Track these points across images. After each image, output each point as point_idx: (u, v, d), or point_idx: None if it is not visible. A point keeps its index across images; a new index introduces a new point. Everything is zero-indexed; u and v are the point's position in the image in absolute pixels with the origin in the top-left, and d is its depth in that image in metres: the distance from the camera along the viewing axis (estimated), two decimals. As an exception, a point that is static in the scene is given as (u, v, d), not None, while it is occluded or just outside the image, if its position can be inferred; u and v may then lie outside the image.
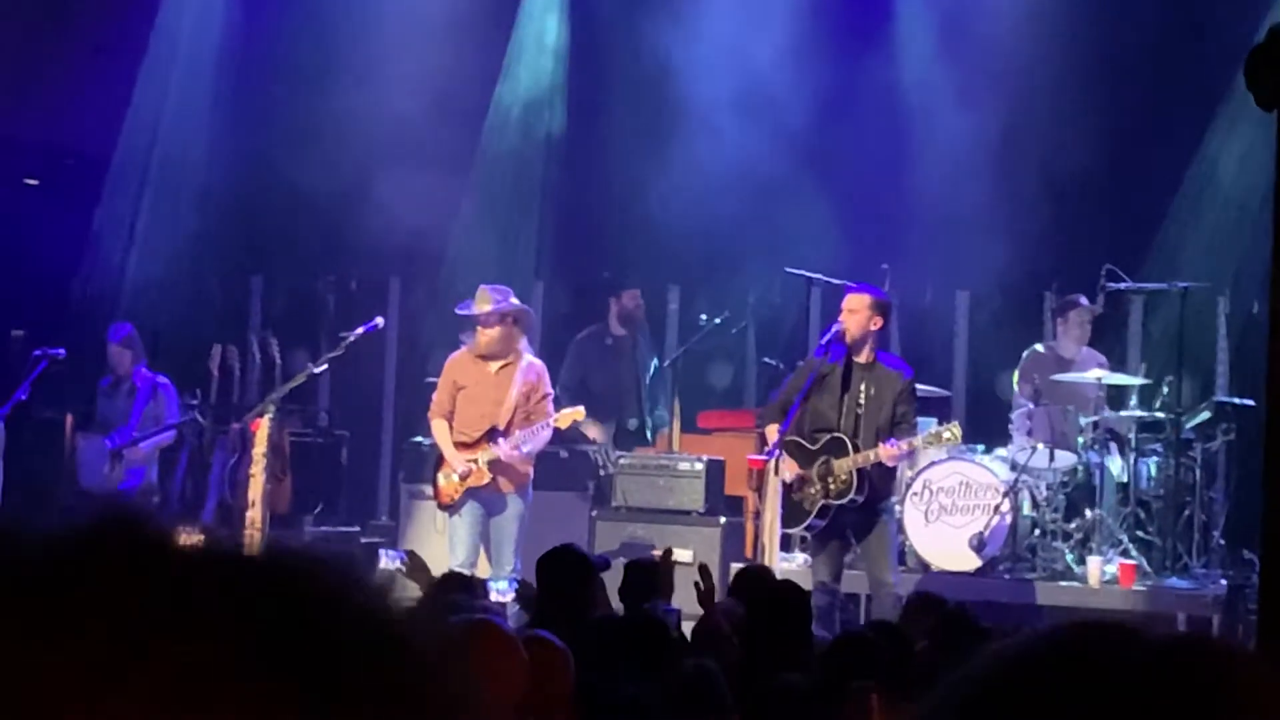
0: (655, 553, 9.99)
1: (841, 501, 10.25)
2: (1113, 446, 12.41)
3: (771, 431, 10.42)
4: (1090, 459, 12.22)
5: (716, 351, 15.07)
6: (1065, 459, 12.07)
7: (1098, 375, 12.35)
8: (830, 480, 10.26)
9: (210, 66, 15.50)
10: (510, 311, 11.31)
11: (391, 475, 15.11)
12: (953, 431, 10.52)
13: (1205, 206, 14.06)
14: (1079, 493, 12.24)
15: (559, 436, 12.14)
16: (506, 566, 11.02)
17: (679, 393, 13.81)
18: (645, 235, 14.94)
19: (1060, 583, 11.85)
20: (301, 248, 15.68)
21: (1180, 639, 1.16)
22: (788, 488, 10.34)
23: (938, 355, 14.42)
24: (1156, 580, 11.89)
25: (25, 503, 13.31)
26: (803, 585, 10.68)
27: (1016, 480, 11.90)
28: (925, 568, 11.93)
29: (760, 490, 10.58)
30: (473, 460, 11.19)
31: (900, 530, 11.53)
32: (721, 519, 12.49)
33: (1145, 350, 14.08)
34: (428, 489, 11.94)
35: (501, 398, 11.25)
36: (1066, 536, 12.10)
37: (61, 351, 12.71)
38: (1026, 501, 12.17)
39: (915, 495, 11.96)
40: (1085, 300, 12.75)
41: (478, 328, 11.43)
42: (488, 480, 11.20)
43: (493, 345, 11.28)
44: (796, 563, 11.65)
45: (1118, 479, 12.31)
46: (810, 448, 10.38)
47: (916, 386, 10.78)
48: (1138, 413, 12.28)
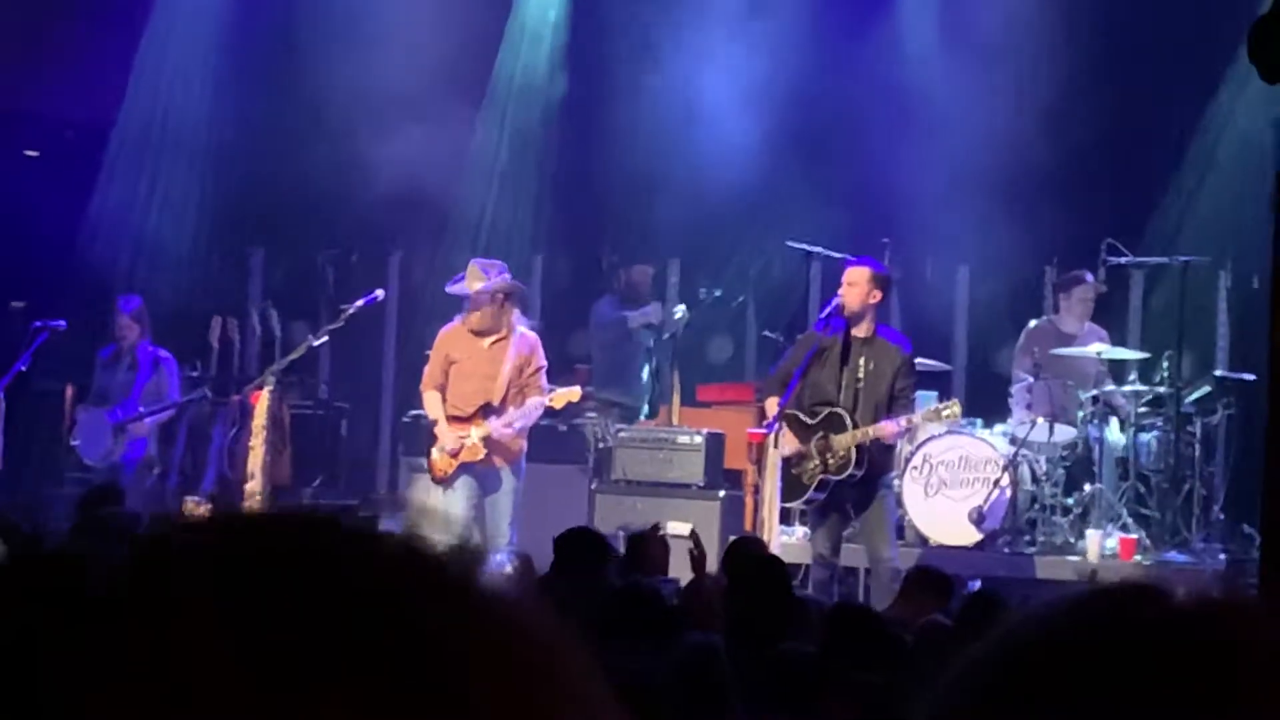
0: (657, 527, 10.00)
1: (840, 477, 10.25)
2: (1112, 421, 12.41)
3: (771, 405, 10.41)
4: (1090, 433, 12.23)
5: (717, 325, 15.07)
6: (1065, 433, 12.08)
7: (1098, 350, 12.35)
8: (829, 455, 10.26)
9: (211, 39, 15.47)
10: (500, 288, 11.25)
11: (391, 448, 15.13)
12: (952, 409, 10.50)
13: (1205, 181, 14.04)
14: (1079, 467, 12.25)
15: (558, 410, 12.12)
16: (501, 540, 11.01)
17: (679, 366, 13.81)
18: (646, 209, 14.93)
19: (1059, 557, 11.86)
20: (302, 220, 15.67)
21: (1199, 601, 1.15)
22: (787, 461, 10.34)
23: (938, 329, 14.41)
24: (1156, 554, 11.90)
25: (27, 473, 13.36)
26: (802, 559, 10.77)
27: (1016, 454, 11.90)
28: (924, 542, 11.94)
29: (760, 464, 10.58)
30: (464, 436, 11.16)
31: (899, 504, 11.53)
32: (721, 492, 12.49)
33: (1146, 325, 14.08)
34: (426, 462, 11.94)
35: (495, 373, 11.20)
36: (1066, 511, 12.11)
37: (62, 323, 12.71)
38: (1026, 476, 12.18)
39: (914, 469, 11.96)
40: (1090, 277, 12.75)
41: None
42: (481, 456, 11.18)
43: (484, 322, 11.23)
44: (796, 536, 11.66)
45: (1118, 454, 12.31)
46: (809, 422, 10.37)
47: (916, 361, 10.77)
48: (1138, 387, 12.28)
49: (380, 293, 12.13)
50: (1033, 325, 12.91)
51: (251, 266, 16.22)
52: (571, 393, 11.51)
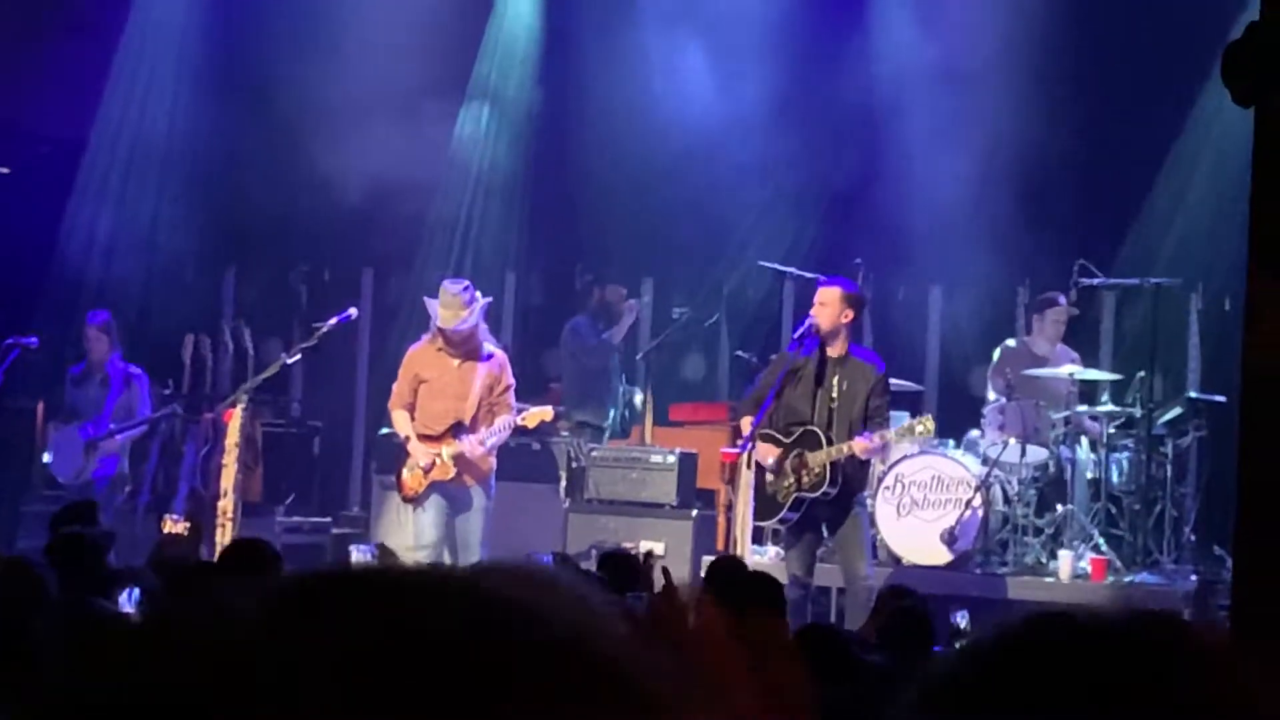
0: (627, 545, 10.00)
1: (815, 494, 10.26)
2: (1084, 442, 12.44)
3: (745, 424, 10.43)
4: (1062, 454, 12.25)
5: (690, 344, 15.09)
6: (1037, 454, 12.10)
7: (1070, 371, 12.38)
8: (804, 473, 10.27)
9: (184, 56, 15.46)
10: (476, 321, 11.14)
11: (364, 466, 15.11)
12: (925, 425, 10.52)
13: (1178, 203, 14.10)
14: (1050, 488, 12.27)
15: (530, 429, 12.09)
16: (473, 559, 10.97)
17: (652, 385, 13.82)
18: (619, 228, 14.95)
19: (1031, 577, 11.88)
20: (275, 238, 15.65)
21: (1130, 616, 1.20)
22: (761, 478, 10.35)
23: (910, 350, 14.45)
24: (1127, 575, 11.93)
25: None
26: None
27: (988, 475, 11.92)
28: (896, 561, 11.94)
29: (733, 483, 10.59)
30: (435, 454, 11.10)
31: (872, 524, 11.54)
32: (694, 512, 12.50)
33: (1117, 346, 14.13)
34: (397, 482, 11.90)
35: (465, 392, 11.13)
36: (1038, 531, 12.13)
37: (34, 340, 12.66)
38: (998, 496, 12.19)
39: (887, 489, 11.97)
40: (1063, 299, 12.79)
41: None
42: (452, 475, 11.13)
43: (459, 350, 11.16)
44: (768, 555, 11.66)
45: (1089, 475, 12.34)
46: (784, 440, 10.39)
47: (889, 380, 10.79)
48: (1110, 408, 12.31)
49: (353, 311, 12.06)
50: (1007, 346, 12.93)
51: (224, 284, 16.20)
52: (544, 412, 11.46)
